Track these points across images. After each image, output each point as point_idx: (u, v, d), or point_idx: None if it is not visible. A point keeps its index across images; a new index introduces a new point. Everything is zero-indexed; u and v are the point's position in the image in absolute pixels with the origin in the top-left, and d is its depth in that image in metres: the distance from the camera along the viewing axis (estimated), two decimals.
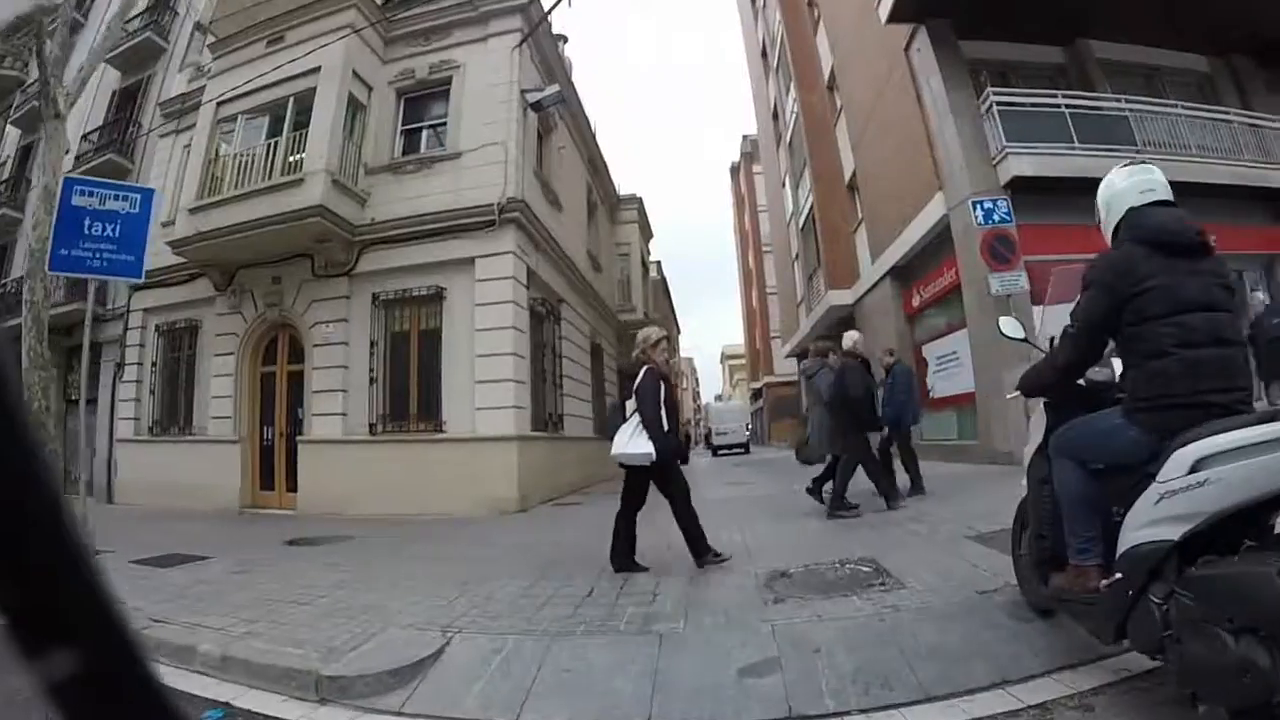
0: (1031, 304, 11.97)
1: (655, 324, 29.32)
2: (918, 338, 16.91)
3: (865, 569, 5.21)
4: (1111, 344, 3.05)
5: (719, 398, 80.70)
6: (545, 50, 15.00)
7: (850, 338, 8.85)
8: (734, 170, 63.02)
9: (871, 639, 3.79)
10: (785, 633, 3.89)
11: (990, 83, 13.47)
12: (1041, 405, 3.60)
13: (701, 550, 5.70)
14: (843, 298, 21.45)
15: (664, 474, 5.75)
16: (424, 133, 13.61)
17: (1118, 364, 3.23)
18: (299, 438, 12.64)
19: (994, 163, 12.79)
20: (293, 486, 12.58)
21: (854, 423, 8.11)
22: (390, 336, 12.64)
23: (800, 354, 30.85)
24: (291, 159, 12.23)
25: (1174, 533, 2.45)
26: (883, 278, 18.16)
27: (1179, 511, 2.45)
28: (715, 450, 38.03)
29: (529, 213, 12.60)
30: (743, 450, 36.78)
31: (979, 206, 12.01)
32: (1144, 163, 3.26)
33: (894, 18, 14.07)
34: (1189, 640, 2.31)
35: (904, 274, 17.29)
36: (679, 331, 67.09)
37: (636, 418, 5.68)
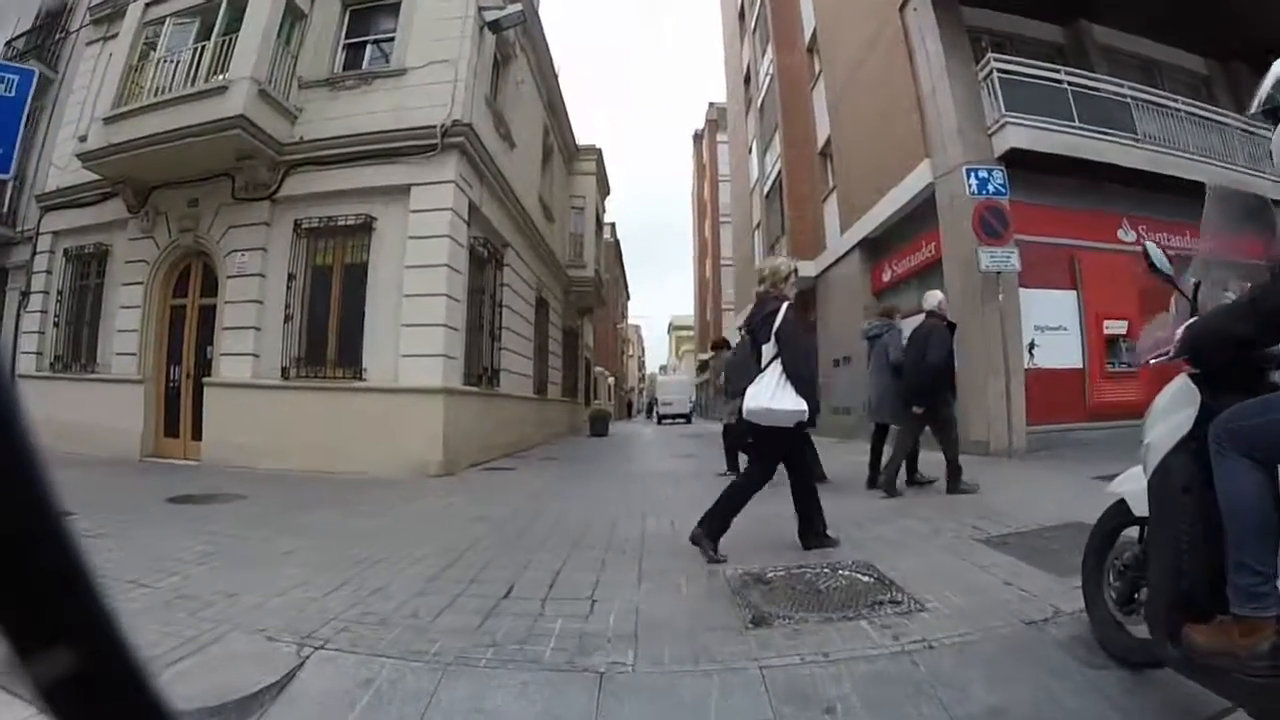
0: (1021, 286, 11.18)
1: (605, 283, 28.38)
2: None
3: (864, 577, 4.12)
4: None
5: (664, 369, 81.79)
6: None
7: (934, 298, 7.74)
8: (697, 137, 61.90)
9: (906, 695, 2.67)
10: (781, 681, 2.74)
11: (990, 51, 12.48)
12: (1186, 380, 2.51)
13: (817, 532, 4.81)
14: (805, 269, 20.23)
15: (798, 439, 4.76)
16: (368, 48, 12.11)
17: None
18: (205, 379, 11.21)
19: (990, 132, 11.89)
20: (199, 434, 11.17)
21: (936, 389, 7.23)
22: (311, 270, 11.20)
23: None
24: (218, 66, 10.70)
25: None
26: (851, 250, 17.16)
27: None
28: (660, 419, 39.62)
29: (476, 140, 11.23)
30: (685, 420, 38.38)
31: (973, 175, 11.02)
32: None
33: None
34: None
35: (875, 247, 16.29)
36: (628, 298, 66.34)
37: (777, 367, 4.61)
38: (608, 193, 27.87)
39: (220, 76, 10.55)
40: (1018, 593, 3.70)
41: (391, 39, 11.75)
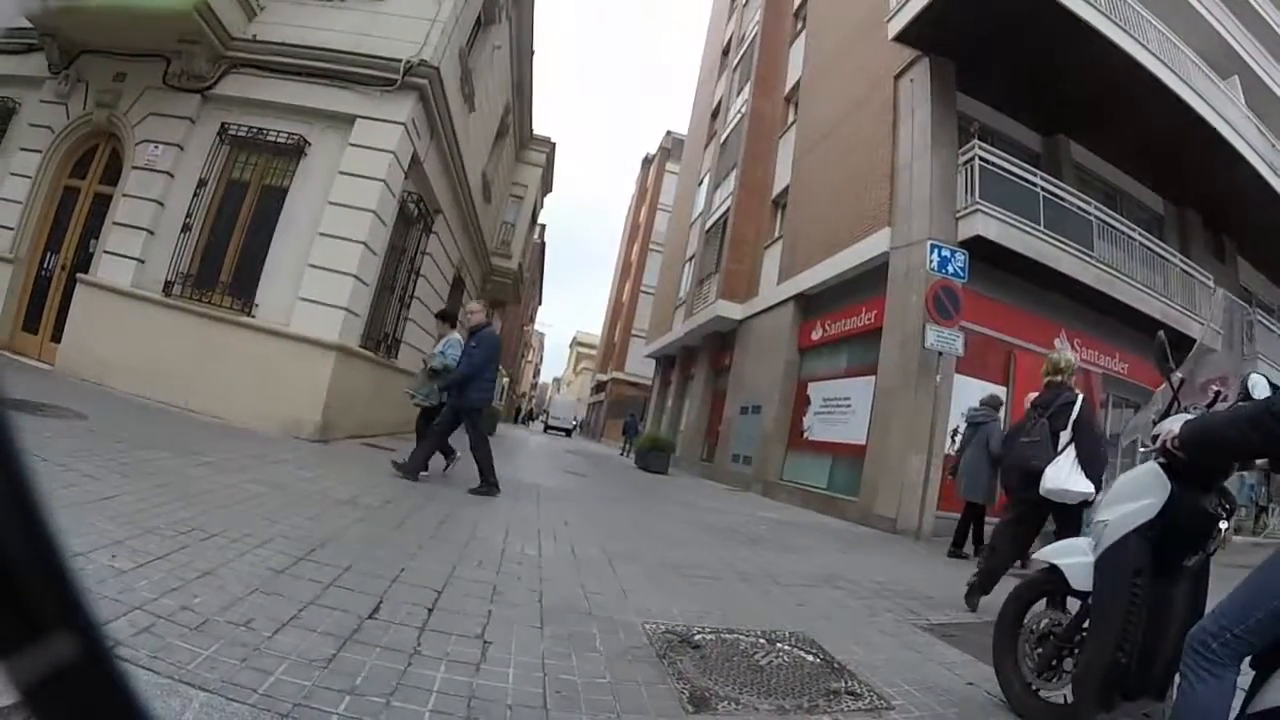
0: (956, 371, 10.92)
1: (525, 281, 27.40)
2: (806, 372, 15.58)
3: (808, 655, 3.45)
4: None
5: (557, 381, 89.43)
6: None
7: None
8: (646, 161, 61.51)
9: None
10: None
11: (976, 138, 12.32)
12: (1157, 467, 2.65)
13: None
14: (732, 311, 19.97)
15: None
16: None
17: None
18: (80, 276, 9.78)
19: (958, 215, 11.65)
20: (60, 336, 9.76)
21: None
22: (225, 183, 10.06)
23: (665, 356, 29.56)
24: None
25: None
26: (784, 302, 16.75)
27: None
28: (546, 428, 51.21)
29: (439, 89, 10.33)
30: (566, 434, 48.22)
31: (937, 251, 10.69)
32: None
33: (902, 38, 12.77)
34: None
35: (810, 303, 15.92)
36: (539, 303, 65.36)
37: (1072, 451, 5.03)
38: (550, 190, 27.10)
39: None
40: (986, 696, 3.14)
41: None
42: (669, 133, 54.15)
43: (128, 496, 4.00)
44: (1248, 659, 2.05)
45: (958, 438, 11.13)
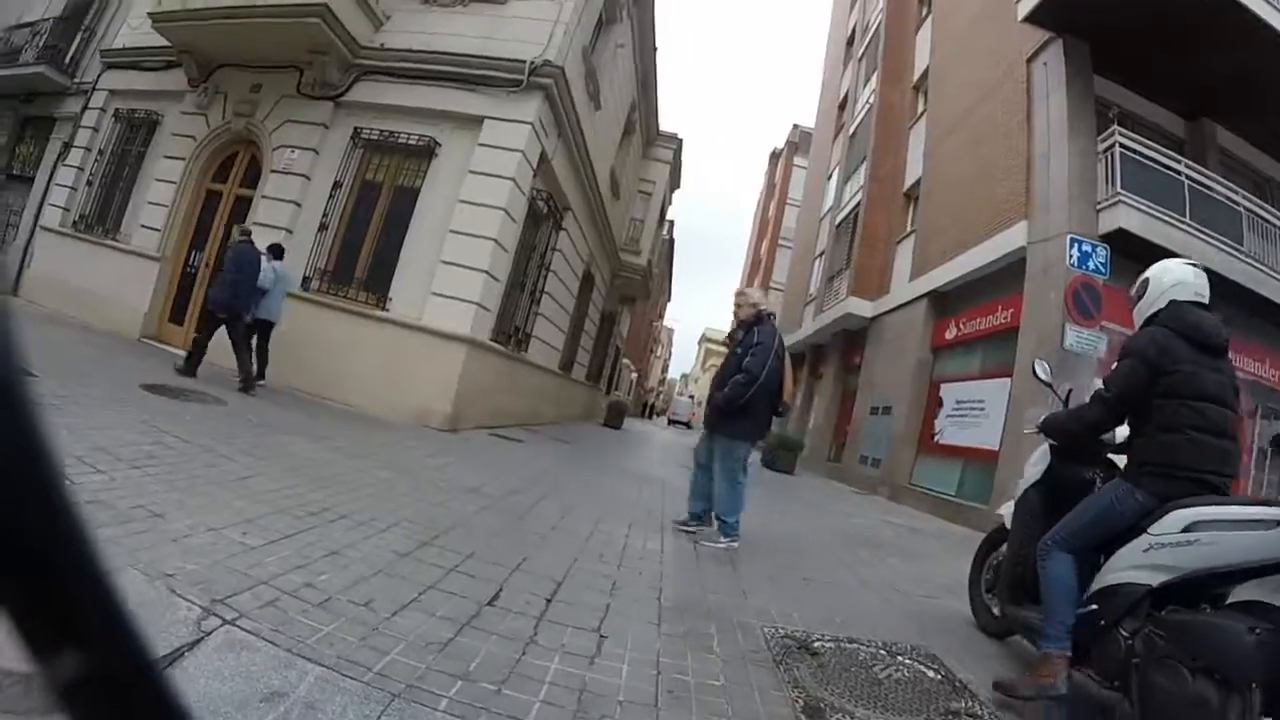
0: (1097, 376, 10.29)
1: (654, 277, 27.57)
2: (938, 373, 15.04)
3: (929, 670, 3.36)
4: None
5: (684, 378, 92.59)
6: None
7: None
8: (774, 156, 60.75)
9: None
10: None
11: (1116, 123, 11.61)
12: (1046, 447, 3.93)
13: None
14: (863, 308, 19.47)
15: None
16: None
17: (1122, 430, 3.49)
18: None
19: (1099, 207, 11.01)
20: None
21: None
22: (360, 183, 10.62)
23: (794, 354, 29.12)
24: None
25: (1154, 580, 2.86)
26: (918, 299, 16.22)
27: (1165, 563, 2.84)
28: (669, 422, 58.30)
29: (564, 88, 10.52)
30: (686, 425, 53.95)
31: (1077, 246, 10.18)
32: (1205, 269, 3.57)
33: (1031, 18, 12.17)
34: (1154, 675, 2.62)
35: (944, 301, 15.37)
36: (668, 299, 65.69)
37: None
38: (677, 186, 27.18)
39: None
40: None
41: None
42: (796, 126, 53.25)
43: (262, 477, 4.27)
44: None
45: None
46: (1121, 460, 3.42)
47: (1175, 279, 3.40)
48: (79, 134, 13.32)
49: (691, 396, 75.21)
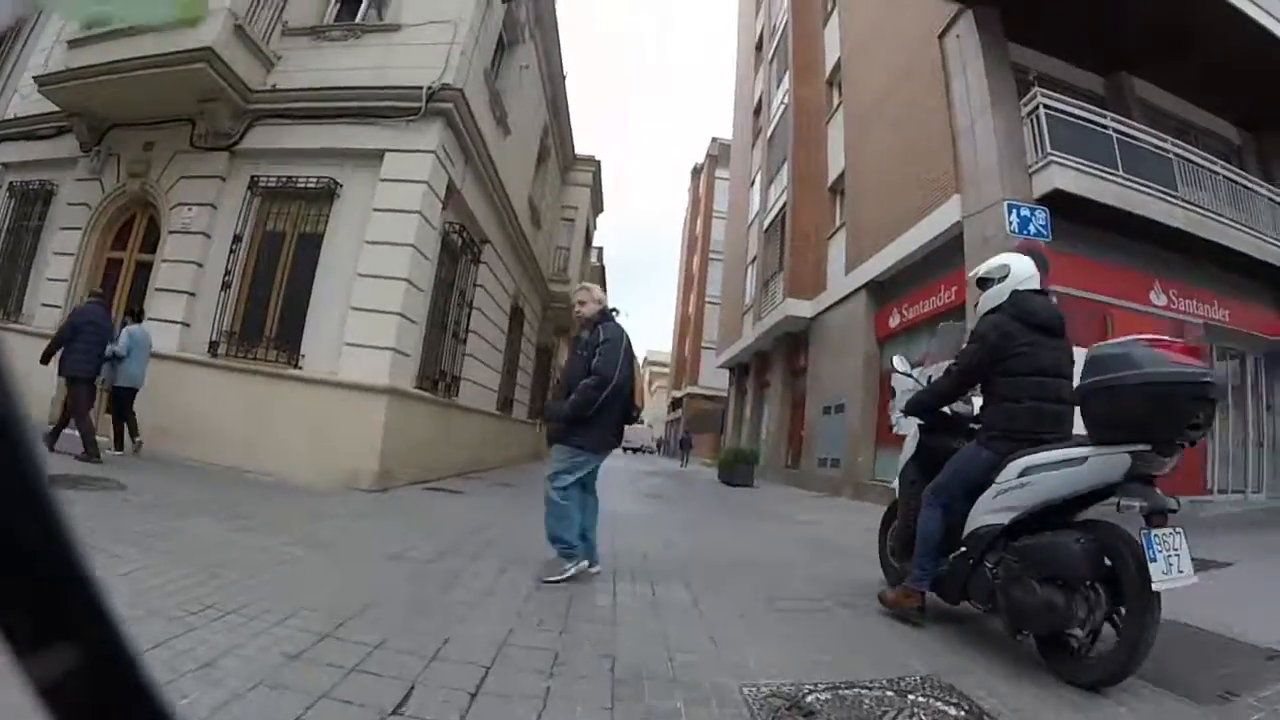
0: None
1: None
2: (887, 363, 14.65)
3: (949, 707, 2.75)
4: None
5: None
6: None
7: None
8: (696, 171, 61.04)
9: None
10: None
11: (1036, 85, 11.40)
12: (915, 426, 4.75)
13: None
14: (801, 309, 19.13)
15: None
16: (365, 3, 10.85)
17: (976, 402, 4.29)
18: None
19: (1031, 171, 10.76)
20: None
21: None
22: (261, 235, 9.86)
23: (738, 365, 28.76)
24: None
25: (1005, 519, 3.64)
26: (856, 292, 15.93)
27: (1009, 504, 3.62)
28: (624, 449, 49.41)
29: (465, 111, 9.89)
30: (645, 451, 55.15)
31: (1015, 211, 9.87)
32: (1040, 254, 4.70)
33: None
34: (1012, 590, 3.39)
35: (884, 290, 15.06)
36: None
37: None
38: (601, 210, 26.68)
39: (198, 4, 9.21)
40: None
41: None
42: (715, 139, 53.50)
43: (143, 572, 3.56)
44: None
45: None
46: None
47: (1012, 270, 4.13)
48: None
49: (650, 426, 74.44)
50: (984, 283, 4.25)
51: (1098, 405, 3.35)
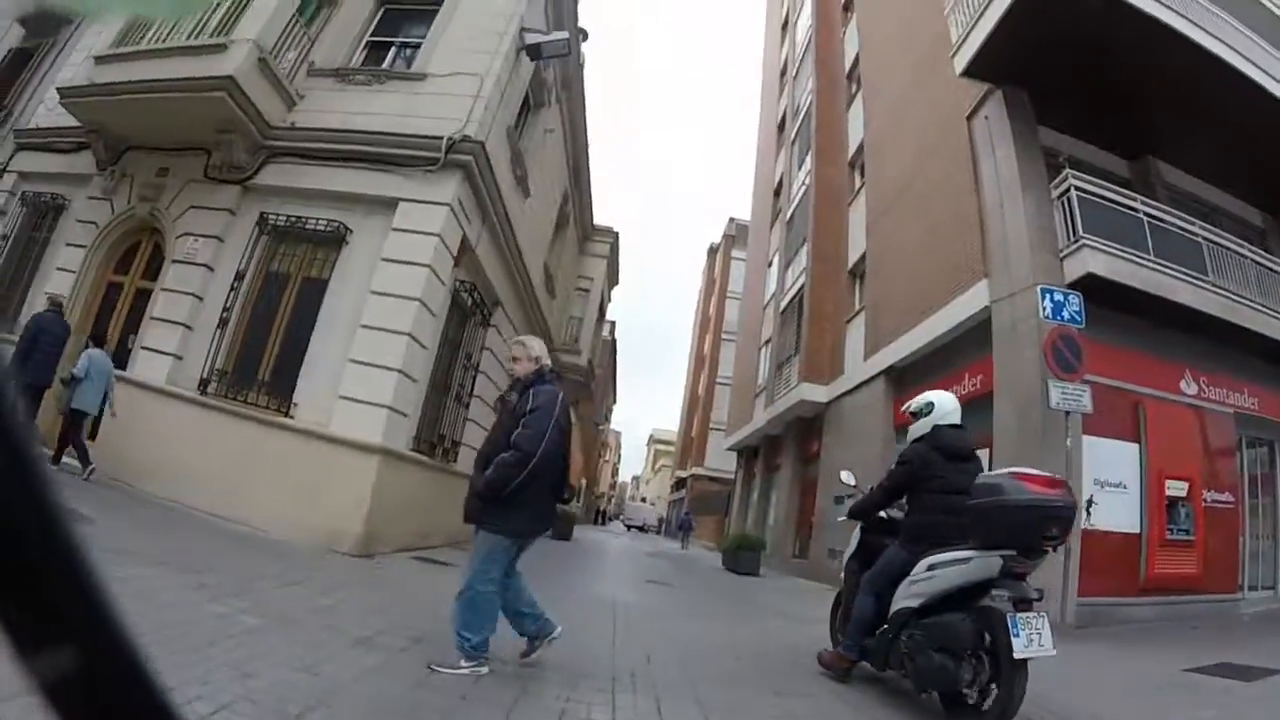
0: (1082, 432, 9.44)
1: (596, 378, 26.52)
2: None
3: None
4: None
5: (636, 480, 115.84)
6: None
7: None
8: (712, 250, 61.43)
9: None
10: None
11: (1067, 167, 11.11)
12: (858, 529, 5.75)
13: None
14: (816, 393, 18.61)
15: None
16: (393, 50, 10.83)
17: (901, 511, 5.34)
18: (117, 372, 9.27)
19: (1062, 255, 10.38)
20: (96, 433, 9.19)
21: None
22: (264, 275, 9.55)
23: (747, 448, 28.10)
24: (228, 27, 9.28)
25: (916, 603, 4.59)
26: (874, 377, 15.43)
27: (919, 592, 4.58)
28: (628, 527, 57.38)
29: (485, 167, 9.63)
30: (641, 530, 55.75)
31: (1049, 296, 9.37)
32: (950, 394, 5.56)
33: (970, 72, 11.79)
34: (917, 658, 4.38)
35: (903, 376, 14.54)
36: (613, 402, 64.92)
37: None
38: (616, 283, 26.49)
39: (225, 36, 9.18)
40: None
41: (420, 43, 10.49)
42: (732, 219, 53.91)
43: None
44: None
45: (1093, 509, 9.69)
46: None
47: (938, 408, 5.21)
48: None
49: (653, 505, 75.77)
50: (914, 415, 5.36)
51: (977, 521, 4.32)
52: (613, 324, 40.43)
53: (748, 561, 17.07)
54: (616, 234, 22.96)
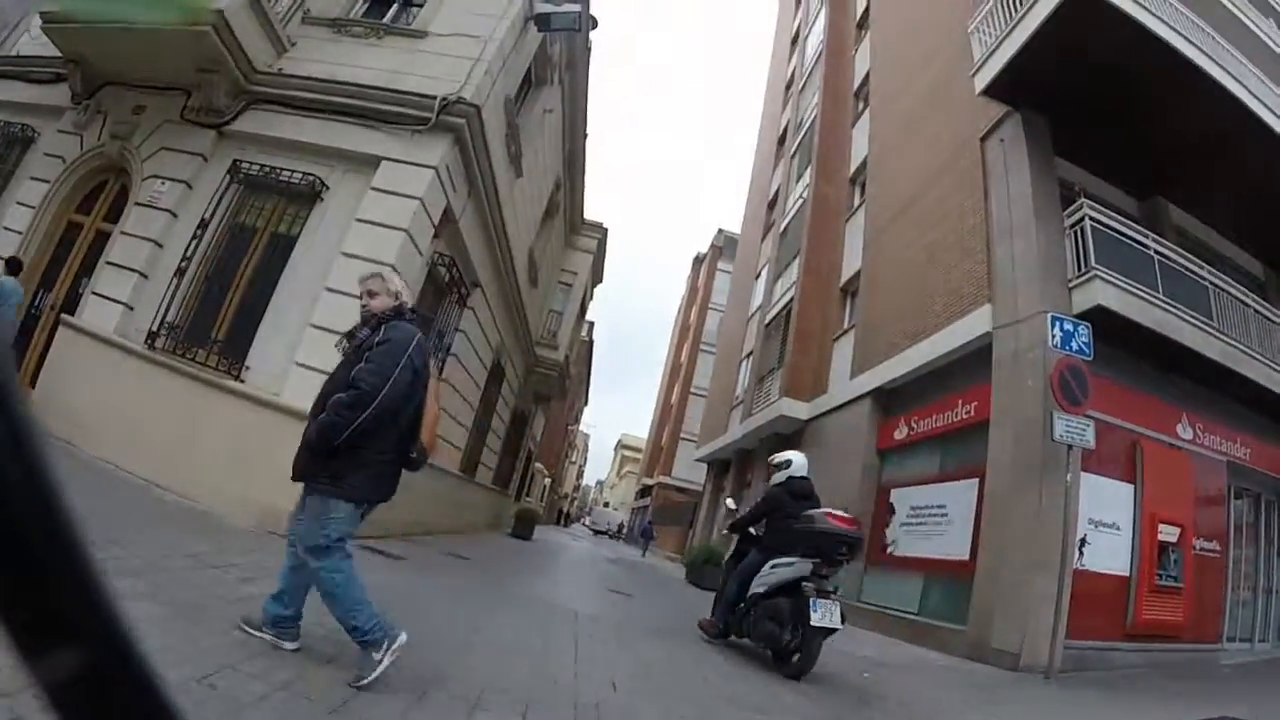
0: (1080, 469, 8.97)
1: (571, 377, 25.85)
2: (887, 477, 13.55)
3: None
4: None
5: (600, 484, 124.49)
6: None
7: None
8: (698, 260, 61.04)
9: None
10: None
11: (1082, 196, 10.72)
12: (735, 539, 8.22)
13: None
14: (797, 409, 18.06)
15: None
16: (396, 5, 10.27)
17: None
18: (64, 316, 8.74)
19: (1071, 285, 9.95)
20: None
21: None
22: (230, 225, 8.90)
23: (718, 461, 27.55)
24: None
25: (762, 589, 6.62)
26: (860, 398, 14.88)
27: (766, 582, 6.60)
28: (595, 532, 60.80)
29: (479, 134, 9.06)
30: (610, 535, 59.37)
31: (1059, 325, 8.93)
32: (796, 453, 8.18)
33: (990, 91, 11.34)
34: (757, 625, 6.56)
35: (891, 399, 14.04)
36: (585, 403, 64.27)
37: None
38: (599, 280, 25.93)
39: None
40: None
41: (425, 1, 9.99)
42: (721, 230, 53.53)
43: None
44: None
45: (1086, 549, 9.26)
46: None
47: (795, 467, 7.65)
48: None
49: (617, 510, 79.34)
50: (777, 466, 7.82)
51: (800, 538, 6.46)
52: (591, 324, 39.83)
53: (713, 577, 16.45)
54: (605, 230, 22.40)
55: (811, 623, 5.84)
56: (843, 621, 6.07)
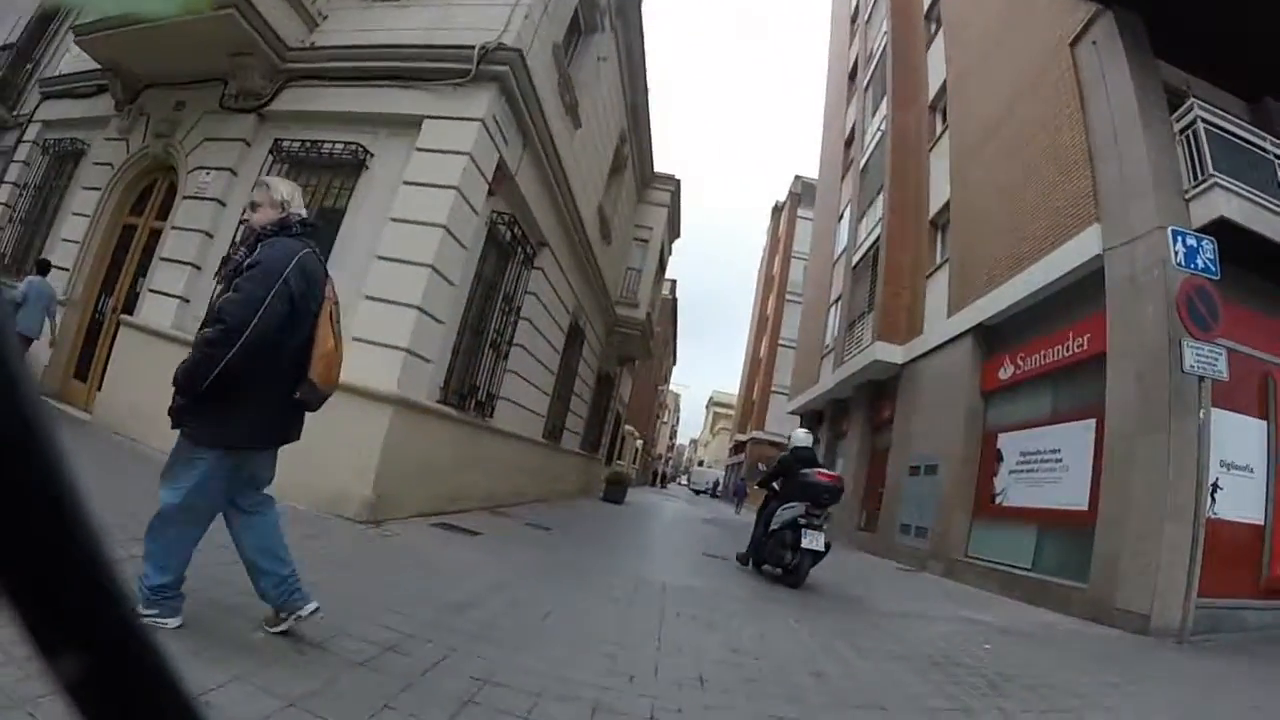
0: (1210, 404, 7.91)
1: (655, 336, 25.35)
2: (993, 421, 12.62)
3: None
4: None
5: (694, 443, 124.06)
6: None
7: None
8: (776, 209, 59.47)
9: None
10: None
11: (1181, 103, 9.57)
12: (764, 495, 9.64)
13: None
14: (891, 353, 17.12)
15: None
16: None
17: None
18: (124, 316, 8.81)
19: (1188, 196, 8.90)
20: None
21: None
22: None
23: (811, 412, 26.72)
24: None
25: (777, 525, 8.58)
26: (959, 337, 13.92)
27: (780, 521, 8.53)
28: (696, 492, 63.36)
29: (525, 78, 8.46)
30: (708, 494, 60.27)
31: (1181, 240, 7.96)
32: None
33: None
34: (774, 552, 8.63)
35: (993, 336, 13.06)
36: (673, 363, 63.81)
37: None
38: (677, 235, 25.16)
39: None
40: None
41: None
42: (798, 177, 51.86)
43: None
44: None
45: (1218, 494, 8.25)
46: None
47: (795, 440, 9.60)
48: (10, 169, 12.17)
49: (711, 466, 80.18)
50: (790, 440, 9.77)
51: (798, 489, 8.44)
52: (673, 282, 39.15)
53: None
54: (678, 181, 21.54)
55: (802, 545, 8.01)
56: (827, 548, 8.22)
